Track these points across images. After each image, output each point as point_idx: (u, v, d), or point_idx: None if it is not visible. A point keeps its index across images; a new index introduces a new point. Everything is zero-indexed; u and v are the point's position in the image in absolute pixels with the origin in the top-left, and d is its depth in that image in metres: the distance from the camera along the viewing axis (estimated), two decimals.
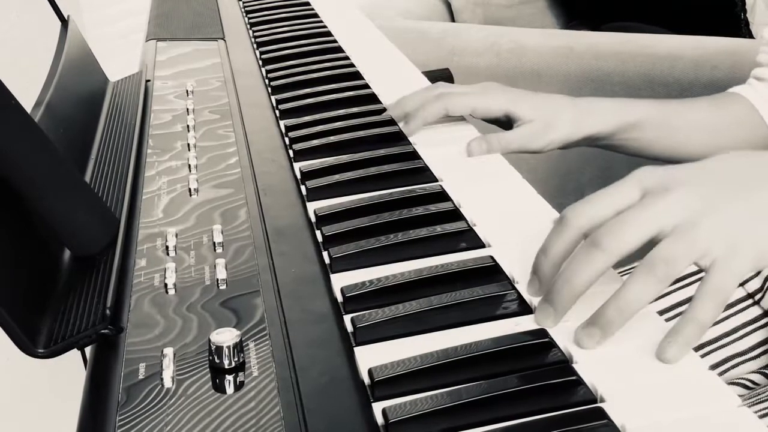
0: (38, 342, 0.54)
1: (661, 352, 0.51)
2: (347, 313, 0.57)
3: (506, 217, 0.69)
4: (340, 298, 0.58)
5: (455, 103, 0.86)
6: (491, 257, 0.61)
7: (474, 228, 0.66)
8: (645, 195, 0.55)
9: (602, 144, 0.91)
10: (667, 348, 0.51)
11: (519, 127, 0.86)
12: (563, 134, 0.87)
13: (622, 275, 0.60)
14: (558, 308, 0.54)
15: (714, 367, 0.81)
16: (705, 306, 0.52)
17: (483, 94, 0.88)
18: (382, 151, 0.81)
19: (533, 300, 0.57)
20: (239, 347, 0.51)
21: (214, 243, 0.64)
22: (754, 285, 0.84)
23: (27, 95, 0.70)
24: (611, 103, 0.90)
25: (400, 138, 0.85)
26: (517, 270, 0.60)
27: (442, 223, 0.66)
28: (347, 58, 1.09)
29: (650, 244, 0.54)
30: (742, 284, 0.84)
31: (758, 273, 0.84)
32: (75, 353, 0.57)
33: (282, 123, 0.89)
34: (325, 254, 0.64)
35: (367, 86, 0.99)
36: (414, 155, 0.80)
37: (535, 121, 0.86)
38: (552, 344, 0.52)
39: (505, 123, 0.89)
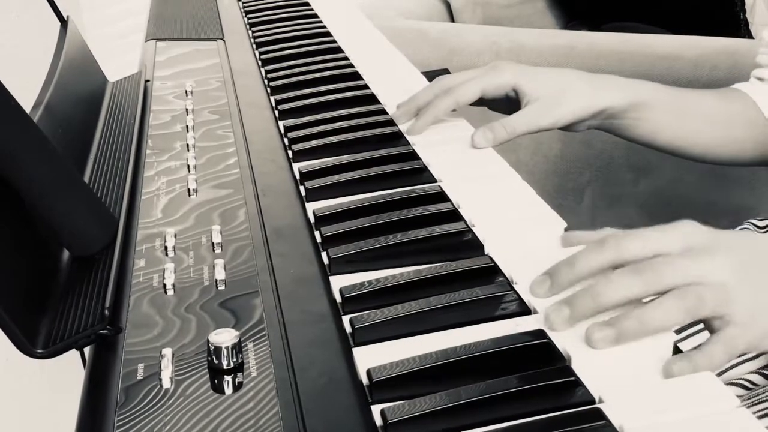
0: (37, 342, 0.54)
1: (668, 369, 0.51)
2: (346, 313, 0.57)
3: (505, 217, 0.69)
4: (338, 299, 0.58)
5: (464, 93, 0.85)
6: (490, 258, 0.61)
7: (473, 228, 0.66)
8: (687, 250, 0.56)
9: (613, 123, 0.89)
10: (674, 365, 0.51)
11: (526, 107, 0.84)
12: (574, 109, 0.85)
13: None
14: (575, 314, 0.54)
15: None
16: (718, 350, 0.53)
17: (489, 73, 0.86)
18: (381, 152, 0.81)
19: (532, 300, 0.57)
20: (238, 348, 0.51)
21: (213, 243, 0.64)
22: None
23: (26, 95, 0.70)
24: (624, 80, 0.89)
25: (400, 138, 0.85)
26: (516, 271, 0.60)
27: (442, 223, 0.66)
28: (347, 58, 1.09)
29: None
30: None
31: None
32: (74, 353, 0.57)
33: (281, 123, 0.89)
34: (324, 255, 0.64)
35: (366, 86, 0.99)
36: (413, 155, 0.80)
37: (543, 97, 0.84)
38: (551, 345, 0.52)
39: (514, 102, 0.87)
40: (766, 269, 0.57)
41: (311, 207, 0.71)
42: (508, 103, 0.88)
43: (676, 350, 0.52)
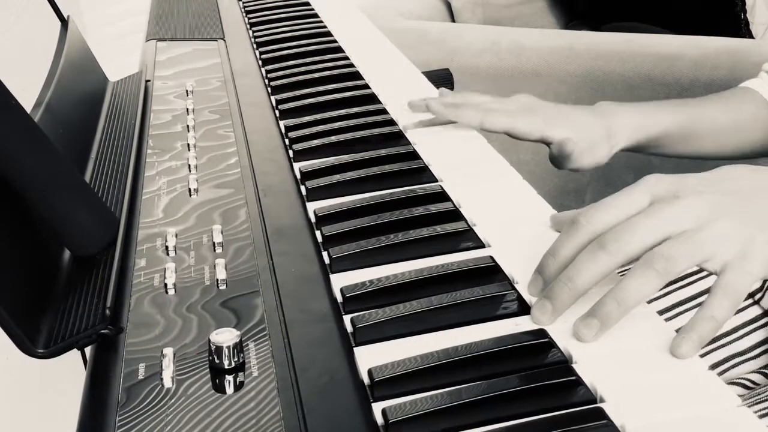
0: (38, 342, 0.54)
1: (675, 347, 0.51)
2: (347, 313, 0.57)
3: (506, 217, 0.69)
4: (339, 298, 0.58)
5: (493, 121, 0.85)
6: (491, 257, 0.61)
7: (474, 228, 0.66)
8: (654, 202, 0.56)
9: (625, 151, 0.92)
10: (681, 343, 0.51)
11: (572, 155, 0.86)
12: (599, 158, 0.88)
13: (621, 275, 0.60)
14: (556, 306, 0.54)
15: (714, 366, 0.81)
16: (720, 303, 0.53)
17: (521, 119, 0.86)
18: (382, 151, 0.81)
19: (533, 300, 0.57)
20: (239, 347, 0.51)
21: (213, 243, 0.64)
22: (754, 285, 0.84)
23: (27, 95, 0.70)
24: (636, 119, 0.89)
25: (400, 138, 0.85)
26: (517, 270, 0.60)
27: (442, 223, 0.66)
28: (347, 58, 1.09)
29: None
30: None
31: None
32: (75, 353, 0.57)
33: (282, 123, 0.89)
34: (324, 254, 0.64)
35: (367, 86, 0.99)
36: (414, 155, 0.80)
37: (580, 143, 0.86)
38: (552, 344, 0.52)
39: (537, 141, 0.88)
40: (742, 199, 0.56)
41: (312, 206, 0.71)
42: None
43: None
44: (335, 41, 1.16)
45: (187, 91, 0.96)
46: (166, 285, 0.59)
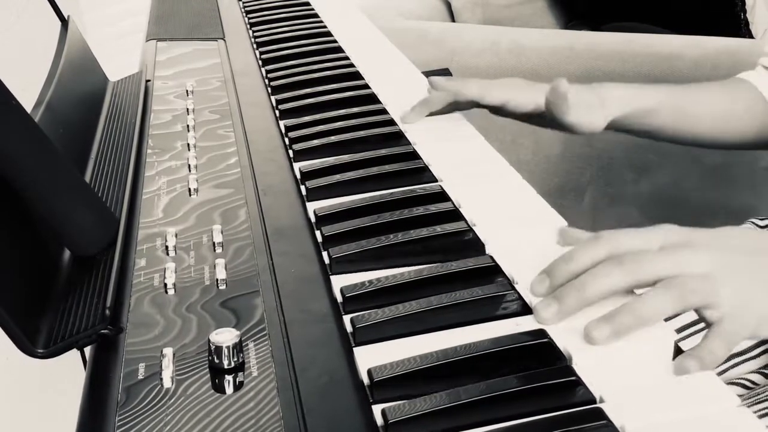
0: (38, 342, 0.54)
1: (680, 364, 0.51)
2: (347, 313, 0.57)
3: (506, 217, 0.69)
4: (339, 299, 0.58)
5: (493, 94, 0.88)
6: (491, 257, 0.61)
7: (474, 228, 0.66)
8: (667, 245, 0.57)
9: (617, 126, 0.92)
10: (685, 363, 0.51)
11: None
12: (594, 123, 0.88)
13: None
14: (563, 308, 0.55)
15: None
16: (717, 344, 0.53)
17: (517, 90, 0.89)
18: (382, 151, 0.81)
19: (533, 300, 0.57)
20: (239, 347, 0.51)
21: (213, 243, 0.64)
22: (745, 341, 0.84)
23: (27, 95, 0.70)
24: (628, 90, 0.91)
25: (400, 138, 0.85)
26: (517, 270, 0.60)
27: (442, 223, 0.66)
28: (347, 58, 1.09)
29: None
30: None
31: None
32: (75, 353, 0.57)
33: (282, 123, 0.89)
34: (324, 254, 0.64)
35: (367, 86, 0.99)
36: (414, 155, 0.80)
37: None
38: (551, 345, 0.52)
39: (533, 117, 0.90)
40: (746, 259, 0.58)
41: (312, 206, 0.71)
42: (521, 117, 0.91)
43: (677, 350, 0.52)
44: (335, 41, 1.16)
45: (187, 91, 0.96)
46: (165, 285, 0.59)
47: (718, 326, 0.55)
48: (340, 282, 0.60)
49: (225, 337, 0.51)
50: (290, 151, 0.83)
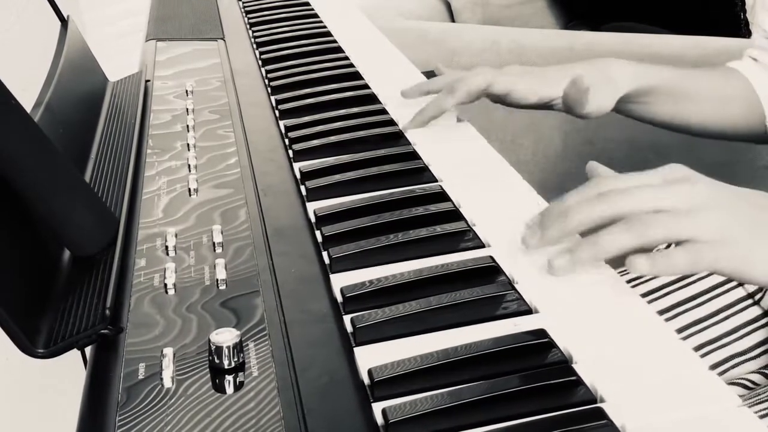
0: (38, 342, 0.54)
1: (632, 262, 0.55)
2: (347, 313, 0.57)
3: (506, 217, 0.69)
4: (339, 299, 0.58)
5: (500, 81, 0.87)
6: (491, 257, 0.61)
7: (474, 228, 0.66)
8: (665, 182, 0.59)
9: (617, 107, 0.92)
10: (637, 261, 0.55)
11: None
12: (601, 104, 0.88)
13: (621, 274, 0.60)
14: (545, 235, 0.59)
15: (714, 367, 0.81)
16: (680, 257, 0.56)
17: (519, 79, 0.87)
18: (382, 151, 0.80)
19: (533, 299, 0.57)
20: (239, 347, 0.51)
21: (213, 243, 0.64)
22: (753, 285, 0.84)
23: (27, 95, 0.70)
24: (632, 66, 0.91)
25: (400, 138, 0.85)
26: (517, 270, 0.60)
27: (442, 223, 0.66)
28: (347, 58, 1.09)
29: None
30: (741, 284, 0.84)
31: None
32: (75, 353, 0.57)
33: (282, 123, 0.89)
34: (324, 254, 0.64)
35: (367, 86, 0.99)
36: (414, 155, 0.80)
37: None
38: (552, 344, 0.52)
39: (535, 105, 0.89)
40: (745, 205, 0.59)
41: (312, 206, 0.71)
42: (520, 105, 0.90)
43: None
44: (335, 41, 1.16)
45: (186, 91, 0.96)
46: (165, 285, 0.59)
47: (690, 245, 0.55)
48: (340, 282, 0.60)
49: (225, 337, 0.51)
50: (290, 151, 0.83)
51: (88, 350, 0.57)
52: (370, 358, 0.52)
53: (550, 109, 0.91)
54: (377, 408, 0.48)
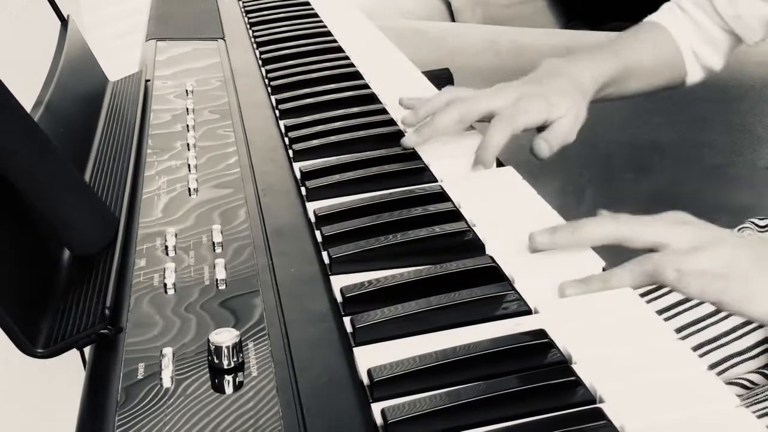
0: (37, 342, 0.54)
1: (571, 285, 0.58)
2: (347, 313, 0.57)
3: (506, 217, 0.69)
4: (339, 299, 0.58)
5: (474, 107, 0.83)
6: (491, 257, 0.61)
7: (474, 228, 0.66)
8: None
9: None
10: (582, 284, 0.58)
11: (555, 133, 0.87)
12: (583, 114, 0.88)
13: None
14: (554, 239, 0.61)
15: (713, 366, 0.81)
16: (636, 267, 0.58)
17: (519, 116, 0.84)
18: (382, 151, 0.81)
19: (533, 300, 0.57)
20: (238, 347, 0.51)
21: (213, 243, 0.64)
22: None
23: (27, 95, 0.70)
24: (588, 70, 0.92)
25: (400, 138, 0.85)
26: (517, 270, 0.60)
27: (442, 223, 0.66)
28: (347, 58, 1.09)
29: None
30: None
31: None
32: (74, 353, 0.57)
33: (282, 123, 0.89)
34: (324, 254, 0.64)
35: (367, 86, 0.99)
36: (414, 155, 0.80)
37: (565, 117, 0.86)
38: (551, 345, 0.52)
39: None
40: (751, 246, 0.62)
41: (312, 206, 0.71)
42: None
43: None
44: (335, 41, 1.16)
45: (186, 90, 0.96)
46: (165, 285, 0.59)
47: (655, 254, 0.58)
48: (339, 282, 0.60)
49: (224, 337, 0.51)
50: (290, 151, 0.83)
51: (87, 350, 0.57)
52: (370, 358, 0.52)
53: None
54: (376, 408, 0.48)
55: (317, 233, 0.67)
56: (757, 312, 0.58)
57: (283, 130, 0.87)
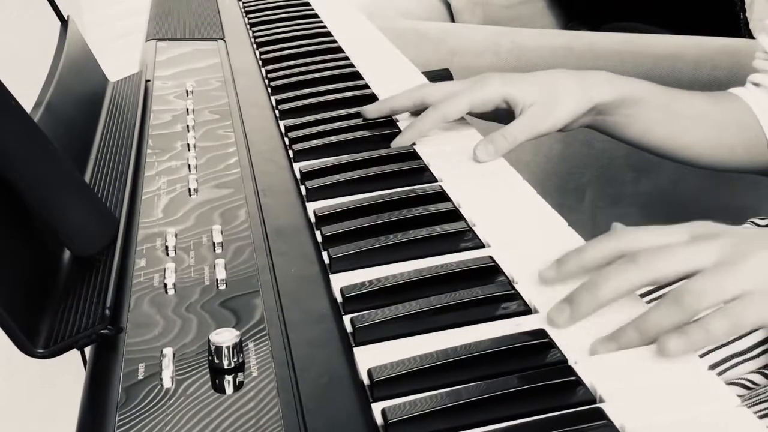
0: (38, 342, 0.54)
1: (664, 343, 0.50)
2: (347, 313, 0.57)
3: (506, 217, 0.69)
4: (339, 299, 0.58)
5: (451, 109, 0.82)
6: (491, 257, 0.61)
7: (474, 228, 0.66)
8: (693, 238, 0.56)
9: (605, 120, 0.88)
10: (669, 342, 0.50)
11: (522, 115, 0.82)
12: (568, 109, 0.83)
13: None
14: (575, 311, 0.54)
15: (713, 366, 0.81)
16: (720, 322, 0.51)
17: (475, 86, 0.83)
18: (381, 151, 0.81)
19: (533, 299, 0.57)
20: (239, 347, 0.51)
21: (213, 243, 0.64)
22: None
23: (27, 95, 0.70)
24: (614, 76, 0.87)
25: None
26: (517, 270, 0.60)
27: (442, 223, 0.66)
28: (347, 58, 1.09)
29: None
30: None
31: None
32: (75, 353, 0.57)
33: (282, 123, 0.89)
34: (324, 254, 0.64)
35: (367, 86, 0.99)
36: (414, 155, 0.80)
37: (537, 103, 0.82)
38: (551, 345, 0.52)
39: (506, 112, 0.85)
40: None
41: (312, 206, 0.71)
42: (500, 114, 0.87)
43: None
44: (335, 41, 1.16)
45: (187, 91, 0.96)
46: (165, 285, 0.59)
47: (731, 305, 0.51)
48: (339, 282, 0.60)
49: (225, 337, 0.51)
50: (290, 151, 0.83)
51: (87, 350, 0.57)
52: (370, 358, 0.52)
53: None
54: (377, 408, 0.48)
55: (317, 233, 0.67)
56: None
57: (283, 131, 0.87)
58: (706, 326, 0.51)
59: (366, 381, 0.50)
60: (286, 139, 0.85)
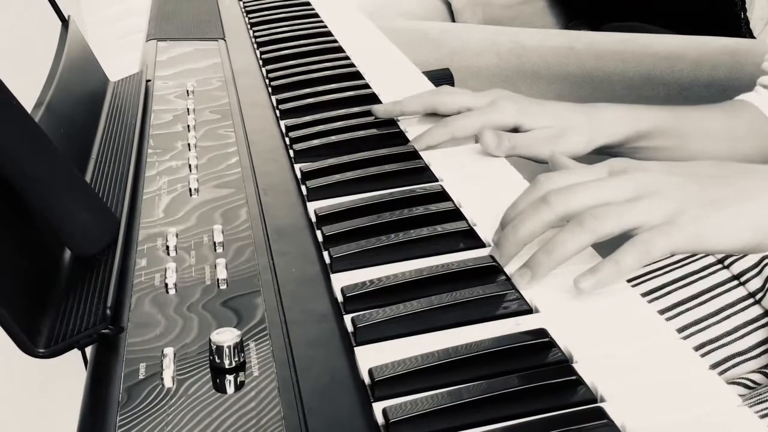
0: (39, 342, 0.54)
1: (578, 281, 0.56)
2: (347, 312, 0.57)
3: None
4: (340, 298, 0.58)
5: (462, 129, 0.82)
6: (491, 257, 0.61)
7: (474, 228, 0.66)
8: (610, 174, 0.60)
9: (612, 153, 0.88)
10: (582, 280, 0.56)
11: (532, 132, 0.84)
12: (574, 147, 0.84)
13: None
14: (503, 253, 0.60)
15: (714, 366, 0.81)
16: (628, 253, 0.56)
17: (490, 112, 0.84)
18: (382, 151, 0.81)
19: (534, 299, 0.57)
20: (240, 347, 0.51)
21: (214, 243, 0.64)
22: (755, 284, 0.84)
23: (27, 95, 0.70)
24: (622, 111, 0.87)
25: (400, 137, 0.85)
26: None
27: (443, 222, 0.66)
28: (347, 58, 1.09)
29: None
30: (742, 283, 0.84)
31: (759, 272, 0.84)
32: (75, 353, 0.57)
33: (282, 123, 0.89)
34: (325, 254, 0.64)
35: (367, 86, 0.99)
36: (414, 155, 0.80)
37: (547, 129, 0.84)
38: (552, 344, 0.52)
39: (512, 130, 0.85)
40: (692, 180, 0.59)
41: (312, 206, 0.71)
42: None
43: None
44: (335, 41, 1.16)
45: (187, 91, 0.96)
46: (166, 285, 0.59)
47: (637, 237, 0.56)
48: (340, 282, 0.60)
49: (226, 336, 0.51)
50: (291, 151, 0.83)
51: (88, 350, 0.57)
52: (371, 357, 0.52)
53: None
54: (378, 408, 0.48)
55: (318, 233, 0.67)
56: (712, 246, 0.57)
57: (284, 130, 0.87)
58: (615, 258, 0.56)
59: (367, 380, 0.50)
60: (287, 139, 0.85)
